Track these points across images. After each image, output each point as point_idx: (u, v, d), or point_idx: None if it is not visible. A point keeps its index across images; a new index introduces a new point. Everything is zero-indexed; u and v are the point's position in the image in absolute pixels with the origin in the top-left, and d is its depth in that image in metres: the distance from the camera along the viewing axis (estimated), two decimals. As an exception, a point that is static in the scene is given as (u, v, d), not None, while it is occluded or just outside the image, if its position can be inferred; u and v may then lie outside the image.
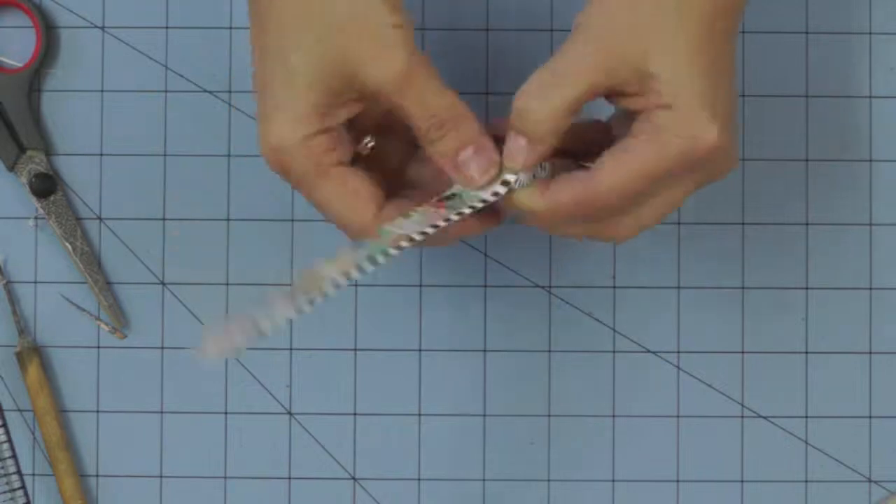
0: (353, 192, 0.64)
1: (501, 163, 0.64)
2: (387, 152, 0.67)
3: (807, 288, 0.78)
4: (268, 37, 0.63)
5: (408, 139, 0.66)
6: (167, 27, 0.78)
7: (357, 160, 0.65)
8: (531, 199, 0.64)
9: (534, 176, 0.64)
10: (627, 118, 0.64)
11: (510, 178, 0.64)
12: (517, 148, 0.63)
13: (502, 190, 0.64)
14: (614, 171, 0.62)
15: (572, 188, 0.63)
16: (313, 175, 0.63)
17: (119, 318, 0.78)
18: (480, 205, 0.64)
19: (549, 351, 0.78)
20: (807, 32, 0.78)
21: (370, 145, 0.66)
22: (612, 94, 0.63)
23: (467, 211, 0.64)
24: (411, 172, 0.68)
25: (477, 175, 0.64)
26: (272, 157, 0.63)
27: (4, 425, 0.78)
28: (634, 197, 0.63)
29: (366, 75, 0.62)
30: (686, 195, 0.65)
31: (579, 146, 0.66)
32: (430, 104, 0.63)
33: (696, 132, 0.62)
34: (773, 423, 0.78)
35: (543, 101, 0.62)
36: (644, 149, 0.62)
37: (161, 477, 0.78)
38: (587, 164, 0.64)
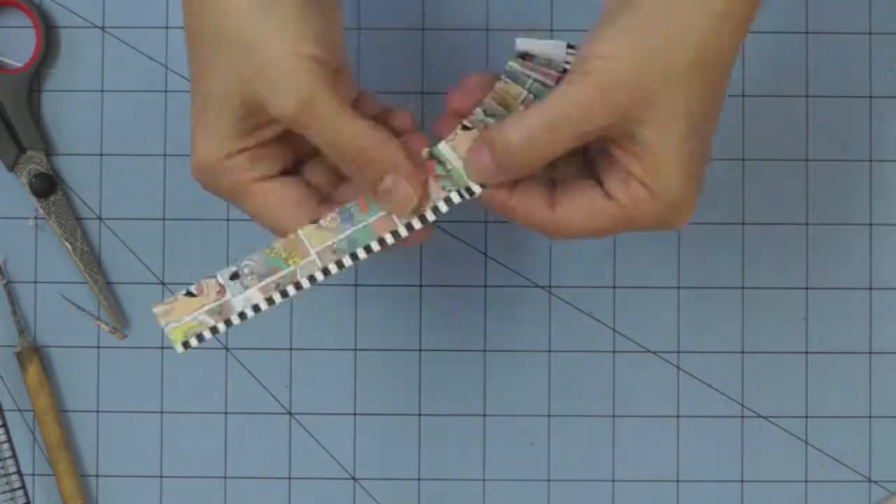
0: (277, 205, 0.63)
1: (426, 185, 0.63)
2: (321, 168, 0.66)
3: (807, 288, 0.78)
4: (193, 61, 0.63)
5: None
6: (167, 27, 0.79)
7: (297, 167, 0.65)
8: (489, 197, 0.63)
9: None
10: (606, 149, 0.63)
11: (441, 206, 0.63)
12: (482, 165, 0.62)
13: (436, 211, 0.63)
14: (578, 221, 0.62)
15: (533, 215, 0.62)
16: (237, 191, 0.64)
17: (119, 318, 0.78)
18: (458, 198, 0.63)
19: (549, 351, 0.78)
20: (807, 32, 0.78)
21: None
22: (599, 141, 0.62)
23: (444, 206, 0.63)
24: (340, 195, 0.66)
25: (402, 202, 0.62)
26: (198, 176, 0.64)
27: (4, 425, 0.78)
28: (589, 237, 0.64)
29: (267, 107, 0.61)
30: None
31: None
32: (334, 139, 0.61)
33: (670, 217, 0.62)
34: (773, 423, 0.78)
35: (529, 147, 0.61)
36: (614, 217, 0.62)
37: (161, 477, 0.78)
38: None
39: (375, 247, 0.63)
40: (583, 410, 0.78)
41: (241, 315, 0.64)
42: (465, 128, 0.63)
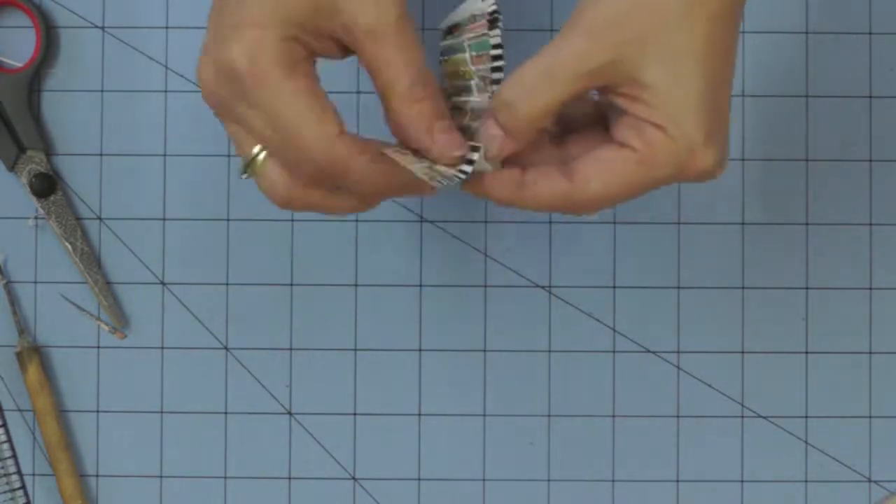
0: (320, 104, 0.59)
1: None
2: None
3: (807, 288, 0.78)
4: None
5: None
6: (167, 27, 0.79)
7: None
8: (508, 196, 0.62)
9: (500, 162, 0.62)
10: (615, 106, 0.61)
11: (474, 156, 0.61)
12: (491, 137, 0.61)
13: (464, 173, 0.61)
14: (597, 183, 0.60)
15: (551, 191, 0.61)
16: (280, 79, 0.59)
17: (119, 318, 0.78)
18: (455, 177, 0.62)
19: (549, 351, 0.78)
20: (807, 32, 0.78)
21: None
22: (602, 91, 0.61)
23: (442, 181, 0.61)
24: None
25: (450, 148, 0.61)
26: (239, 46, 0.59)
27: (4, 425, 0.78)
28: (614, 203, 0.61)
29: (356, 18, 0.59)
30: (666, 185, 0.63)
31: (559, 122, 0.63)
32: (417, 60, 0.60)
33: (690, 159, 0.60)
34: (773, 423, 0.78)
35: (528, 99, 0.60)
36: (632, 168, 0.60)
37: (161, 477, 0.78)
38: (565, 145, 0.63)
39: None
40: (583, 410, 0.78)
41: (463, 172, 0.61)
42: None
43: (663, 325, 0.78)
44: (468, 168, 0.61)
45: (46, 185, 0.78)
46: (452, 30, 0.64)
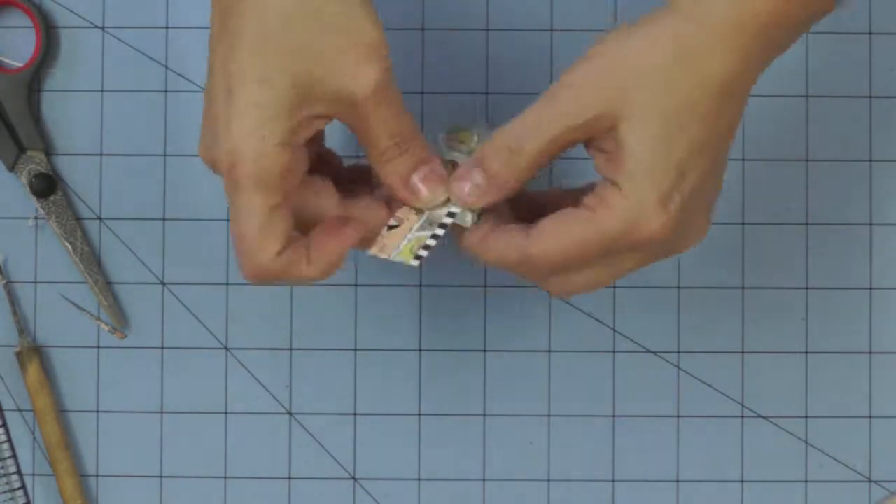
0: (313, 200, 0.63)
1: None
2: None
3: (807, 288, 0.78)
4: (244, 31, 0.61)
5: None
6: (167, 27, 0.78)
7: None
8: (468, 241, 0.64)
9: (477, 216, 0.64)
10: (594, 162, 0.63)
11: (455, 209, 0.64)
12: (473, 183, 0.63)
13: (447, 220, 0.64)
14: (551, 240, 0.61)
15: (507, 245, 0.62)
16: (253, 185, 0.61)
17: (119, 318, 0.78)
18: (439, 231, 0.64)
19: (549, 351, 0.78)
20: (807, 32, 0.78)
21: None
22: (587, 146, 0.62)
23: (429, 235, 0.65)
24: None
25: (428, 194, 0.63)
26: (229, 158, 0.61)
27: (4, 425, 0.78)
28: (567, 265, 0.62)
29: (344, 86, 0.61)
30: (638, 266, 0.63)
31: (524, 200, 0.65)
32: (394, 122, 0.62)
33: (639, 218, 0.60)
34: (773, 423, 0.78)
35: (529, 142, 0.61)
36: (582, 224, 0.61)
37: (161, 477, 0.78)
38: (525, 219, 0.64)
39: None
40: (583, 410, 0.78)
41: (451, 214, 0.64)
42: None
43: (663, 325, 0.78)
44: (448, 221, 0.64)
45: (46, 185, 0.78)
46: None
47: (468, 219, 0.64)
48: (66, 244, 0.78)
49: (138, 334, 0.79)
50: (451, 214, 0.64)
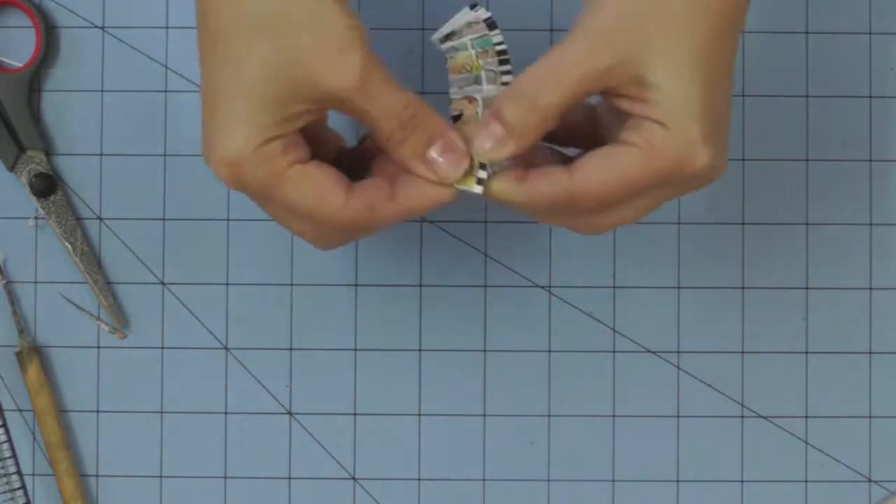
0: (316, 184, 0.62)
1: (471, 155, 0.63)
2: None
3: (807, 288, 0.78)
4: (217, 45, 0.62)
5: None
6: (167, 27, 0.79)
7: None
8: (508, 191, 0.63)
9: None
10: (618, 113, 0.63)
11: (482, 174, 0.63)
12: (493, 135, 0.62)
13: (478, 189, 0.63)
14: (597, 177, 0.61)
15: (551, 186, 0.62)
16: (271, 182, 0.62)
17: (119, 318, 0.78)
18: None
19: (549, 351, 0.78)
20: (807, 32, 0.78)
21: None
22: (606, 94, 0.62)
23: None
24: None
25: (450, 171, 0.62)
26: (226, 169, 0.62)
27: (4, 425, 0.78)
28: (613, 202, 0.62)
29: (324, 83, 0.61)
30: (666, 200, 0.64)
31: (561, 129, 0.64)
32: (390, 105, 0.62)
33: (688, 155, 0.61)
34: (773, 423, 0.78)
35: (544, 92, 0.61)
36: (632, 162, 0.61)
37: (161, 477, 0.78)
38: (566, 153, 0.64)
39: None
40: (583, 410, 0.78)
41: (480, 181, 0.63)
42: (455, 118, 0.64)
43: (663, 325, 0.78)
44: (479, 188, 0.63)
45: (46, 185, 0.78)
46: (450, 37, 0.65)
47: (499, 169, 0.63)
48: (66, 244, 0.78)
49: (138, 334, 0.79)
50: (480, 181, 0.63)
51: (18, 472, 0.78)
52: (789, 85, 0.78)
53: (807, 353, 0.78)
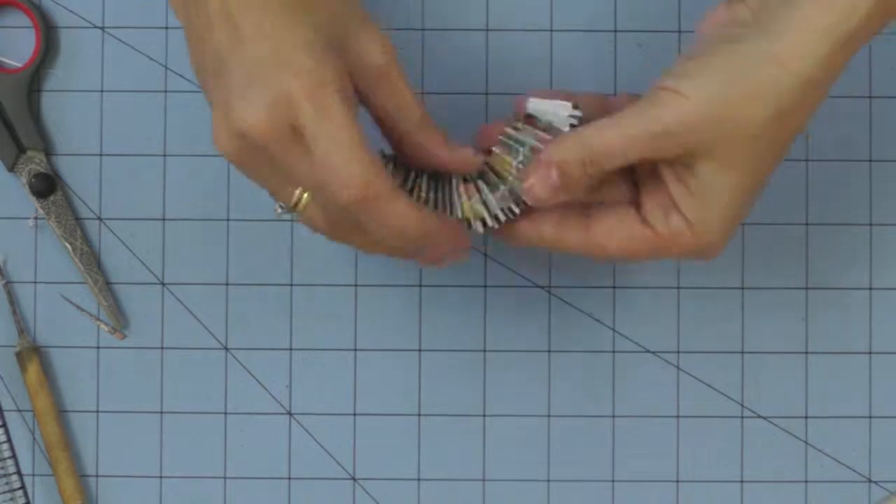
0: (362, 141, 0.61)
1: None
2: None
3: (807, 288, 0.78)
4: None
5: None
6: (167, 27, 0.78)
7: None
8: (530, 234, 0.67)
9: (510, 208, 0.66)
10: (656, 172, 0.64)
11: (515, 208, 0.66)
12: (548, 182, 0.64)
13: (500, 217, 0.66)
14: (612, 241, 0.65)
15: (570, 240, 0.65)
16: (343, 102, 0.60)
17: (119, 318, 0.78)
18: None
19: (549, 351, 0.78)
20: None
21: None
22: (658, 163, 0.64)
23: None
24: None
25: (472, 154, 0.66)
26: (306, 79, 0.60)
27: (4, 425, 0.78)
28: (621, 262, 0.67)
29: (366, 59, 0.63)
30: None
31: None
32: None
33: (698, 252, 0.64)
34: (773, 423, 0.78)
35: (595, 161, 0.63)
36: (649, 247, 0.64)
37: (161, 477, 0.78)
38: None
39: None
40: (583, 410, 0.78)
41: (510, 210, 0.67)
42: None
43: (663, 325, 0.78)
44: (509, 216, 0.66)
45: (46, 185, 0.78)
46: (527, 119, 0.67)
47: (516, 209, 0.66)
48: (66, 244, 0.78)
49: (138, 334, 0.79)
50: (510, 210, 0.66)
51: (18, 473, 0.78)
52: (789, 85, 0.78)
53: (807, 353, 0.78)
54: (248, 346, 0.78)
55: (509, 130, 0.67)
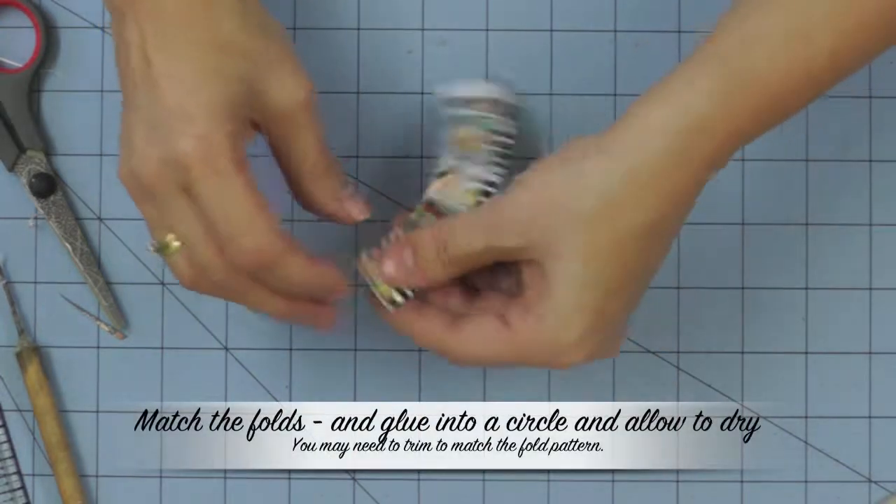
0: (262, 200, 0.63)
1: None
2: None
3: (807, 288, 0.78)
4: (179, 35, 0.63)
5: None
6: (167, 27, 0.78)
7: None
8: (396, 320, 0.67)
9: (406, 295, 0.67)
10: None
11: (398, 297, 0.67)
12: (403, 264, 0.66)
13: (398, 302, 0.67)
14: (470, 344, 0.65)
15: (428, 334, 0.66)
16: (235, 169, 0.62)
17: (119, 318, 0.78)
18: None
19: (549, 351, 0.78)
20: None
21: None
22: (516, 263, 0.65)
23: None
24: None
25: (361, 212, 0.68)
26: (191, 145, 0.62)
27: (4, 425, 0.78)
28: (479, 366, 0.68)
29: (273, 100, 0.64)
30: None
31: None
32: (320, 138, 0.65)
33: (555, 355, 0.64)
34: (773, 423, 0.78)
35: (444, 248, 0.65)
36: (504, 343, 0.64)
37: (161, 477, 0.78)
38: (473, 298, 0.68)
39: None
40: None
41: (397, 299, 0.68)
42: (440, 174, 0.69)
43: (663, 325, 0.78)
44: (401, 299, 0.67)
45: (46, 185, 0.78)
46: (469, 102, 0.69)
47: (398, 300, 0.67)
48: (66, 244, 0.78)
49: (138, 334, 0.79)
50: (397, 300, 0.67)
51: (18, 473, 0.78)
52: (789, 85, 0.78)
53: (807, 353, 0.78)
54: (248, 346, 0.78)
55: (457, 112, 0.69)
